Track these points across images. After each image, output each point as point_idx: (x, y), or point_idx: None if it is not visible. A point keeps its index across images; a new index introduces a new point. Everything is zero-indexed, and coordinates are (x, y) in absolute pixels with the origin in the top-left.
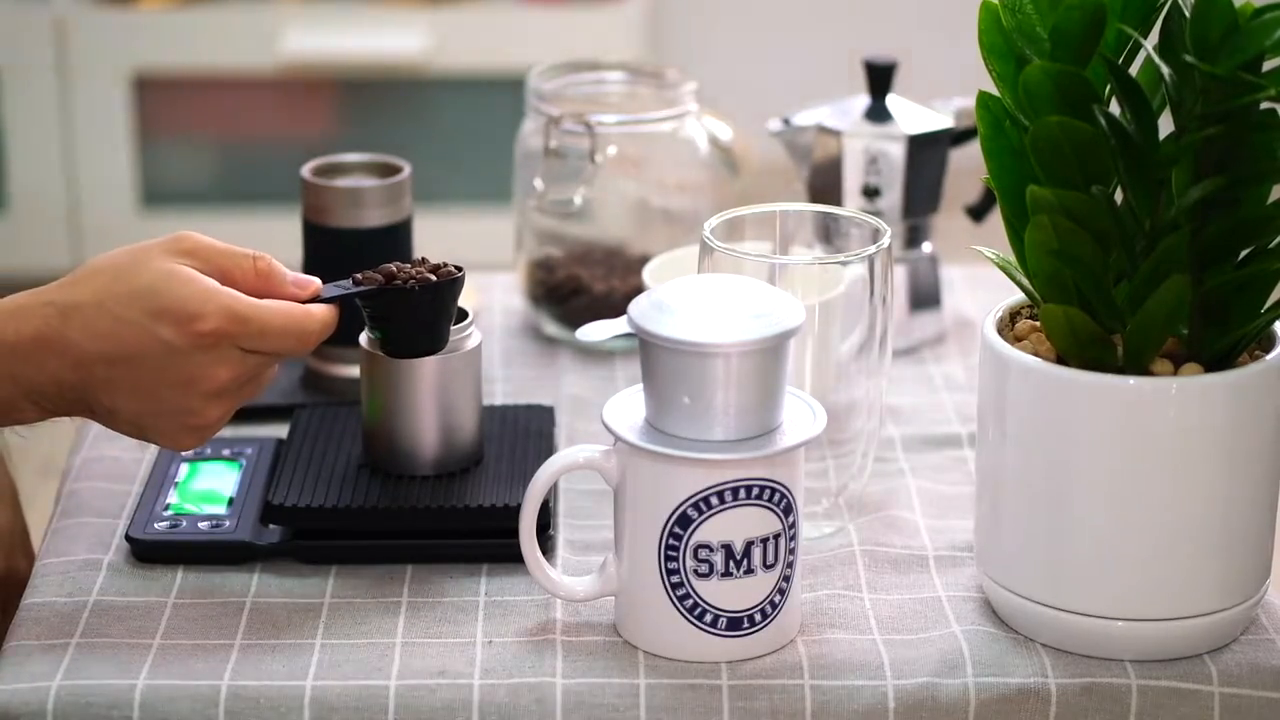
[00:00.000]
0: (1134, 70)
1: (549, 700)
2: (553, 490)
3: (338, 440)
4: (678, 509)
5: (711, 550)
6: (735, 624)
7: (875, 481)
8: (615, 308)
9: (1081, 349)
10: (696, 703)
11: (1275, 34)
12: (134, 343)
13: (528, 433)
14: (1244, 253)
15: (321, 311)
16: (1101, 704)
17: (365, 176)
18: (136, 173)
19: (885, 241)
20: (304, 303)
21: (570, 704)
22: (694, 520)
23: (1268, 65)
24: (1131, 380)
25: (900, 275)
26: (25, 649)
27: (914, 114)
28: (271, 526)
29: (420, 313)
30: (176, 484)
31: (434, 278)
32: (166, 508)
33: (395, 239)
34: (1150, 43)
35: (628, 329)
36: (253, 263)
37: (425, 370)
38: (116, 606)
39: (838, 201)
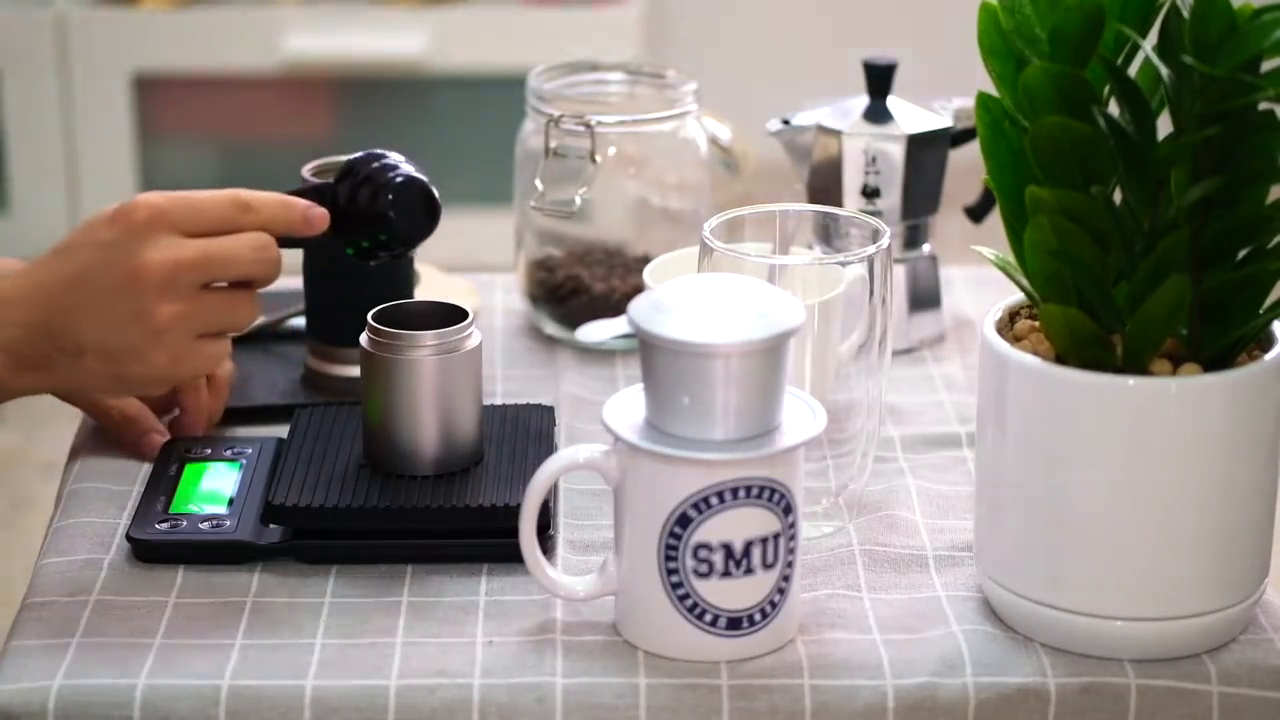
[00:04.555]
0: (1133, 71)
1: (549, 700)
2: (553, 490)
3: (338, 440)
4: (677, 509)
5: (711, 550)
6: (735, 624)
7: (875, 481)
8: (615, 308)
9: (1080, 349)
10: (696, 702)
11: (1274, 34)
12: (80, 257)
13: (528, 433)
14: (1243, 253)
15: (265, 192)
16: (1101, 703)
17: None
18: (137, 173)
19: (885, 242)
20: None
21: (570, 704)
22: (694, 520)
23: (1266, 66)
24: (1131, 380)
25: (900, 275)
26: (26, 649)
27: (914, 114)
28: (271, 526)
29: (360, 199)
30: (177, 484)
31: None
32: (167, 508)
33: None
34: (1149, 43)
35: (628, 329)
36: None
37: (425, 370)
38: (117, 606)
39: (837, 201)
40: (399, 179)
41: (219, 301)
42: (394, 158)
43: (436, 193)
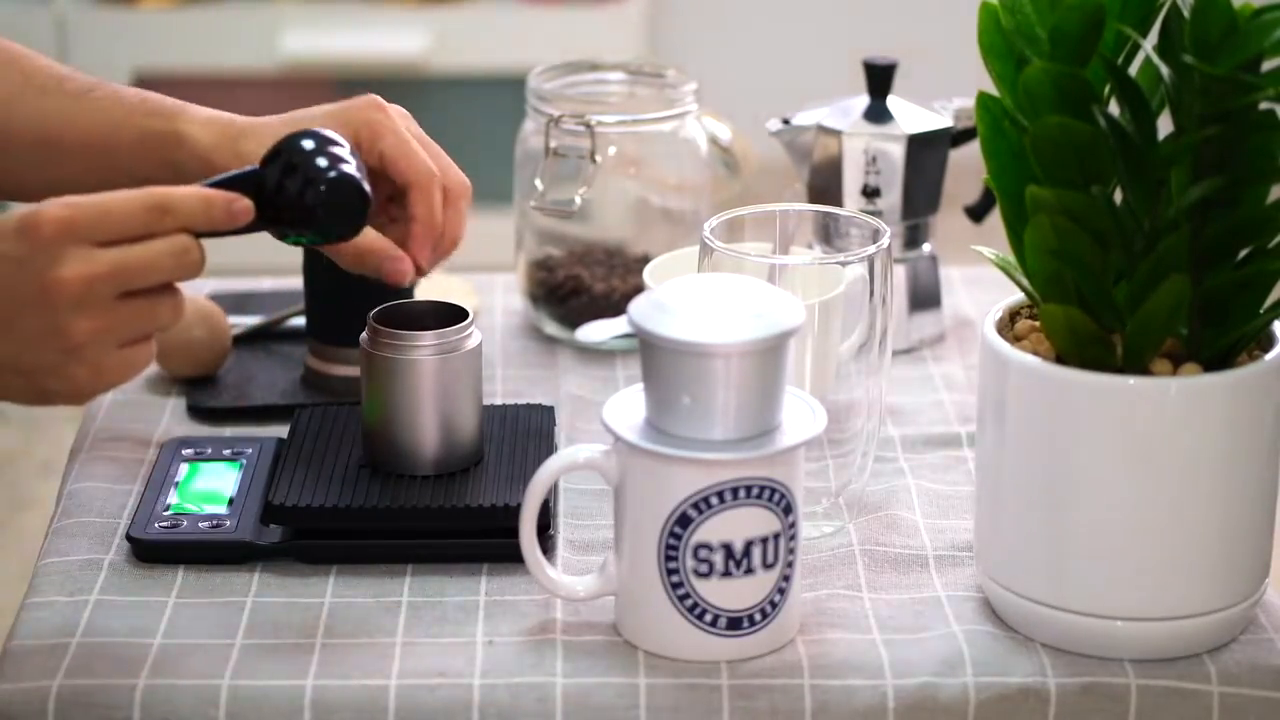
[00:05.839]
0: (1133, 70)
1: (549, 700)
2: (553, 490)
3: (338, 440)
4: (677, 509)
5: (711, 550)
6: (735, 624)
7: (875, 481)
8: (615, 308)
9: (1081, 349)
10: (696, 702)
11: (1274, 34)
12: None
13: (528, 433)
14: (1243, 253)
15: (184, 189)
16: (1101, 704)
17: None
18: None
19: (885, 241)
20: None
21: (570, 704)
22: (694, 520)
23: (1267, 65)
24: (1131, 380)
25: (900, 275)
26: (25, 649)
27: (914, 114)
28: (271, 526)
29: (288, 189)
30: (177, 484)
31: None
32: (167, 508)
33: None
34: (1149, 43)
35: (628, 329)
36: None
37: (425, 370)
38: (117, 606)
39: (838, 201)
40: (331, 174)
41: (139, 309)
42: (328, 144)
43: (368, 188)
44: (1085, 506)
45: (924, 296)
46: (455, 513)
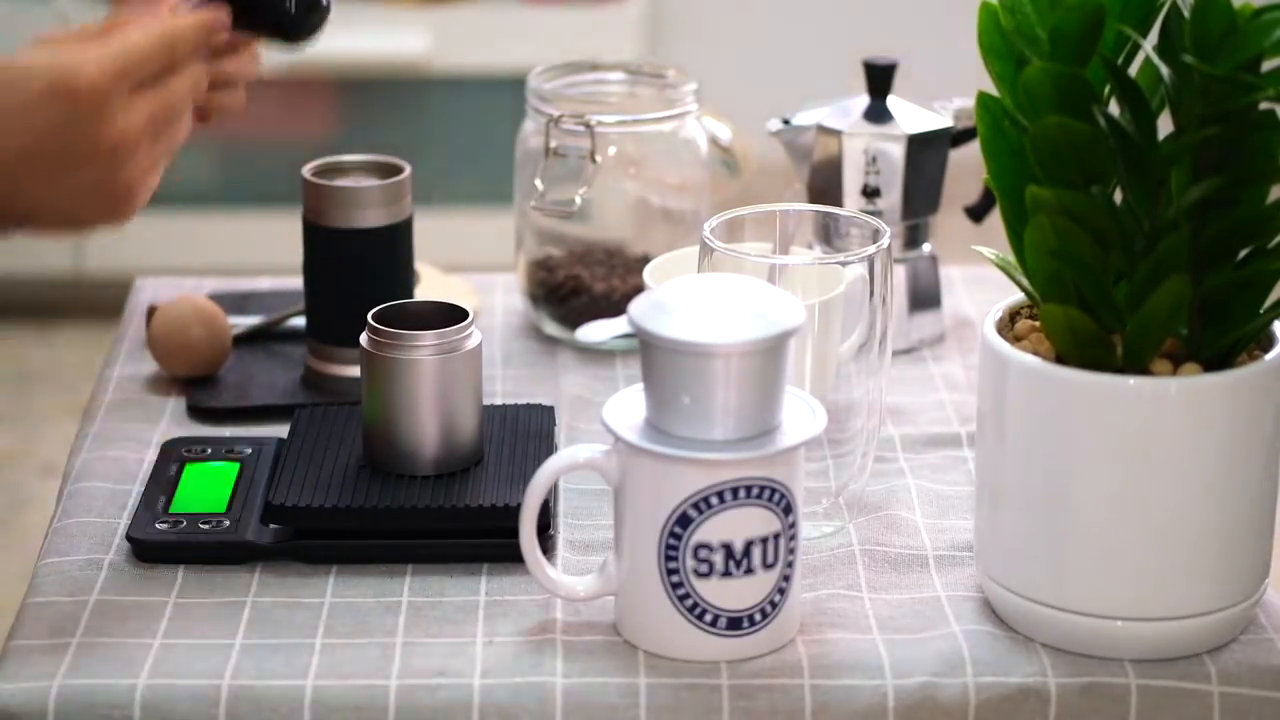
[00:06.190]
0: (1133, 71)
1: (549, 700)
2: (553, 490)
3: (338, 440)
4: (678, 509)
5: (711, 550)
6: (735, 624)
7: (875, 481)
8: (615, 308)
9: (1081, 349)
10: (696, 702)
11: (1274, 34)
12: (18, 140)
13: (528, 433)
14: (1243, 253)
15: (184, 20)
16: (1101, 704)
17: (365, 176)
18: None
19: (885, 241)
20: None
21: (570, 704)
22: (694, 520)
23: (1267, 65)
24: (1131, 380)
25: (900, 275)
26: (26, 649)
27: (914, 114)
28: (271, 526)
29: None
30: (177, 484)
31: None
32: (167, 508)
33: (395, 239)
34: (1149, 43)
35: (628, 329)
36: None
37: (425, 370)
38: (117, 606)
39: (838, 201)
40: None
41: (167, 143)
42: None
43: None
44: (1085, 507)
45: (924, 296)
46: (455, 513)
